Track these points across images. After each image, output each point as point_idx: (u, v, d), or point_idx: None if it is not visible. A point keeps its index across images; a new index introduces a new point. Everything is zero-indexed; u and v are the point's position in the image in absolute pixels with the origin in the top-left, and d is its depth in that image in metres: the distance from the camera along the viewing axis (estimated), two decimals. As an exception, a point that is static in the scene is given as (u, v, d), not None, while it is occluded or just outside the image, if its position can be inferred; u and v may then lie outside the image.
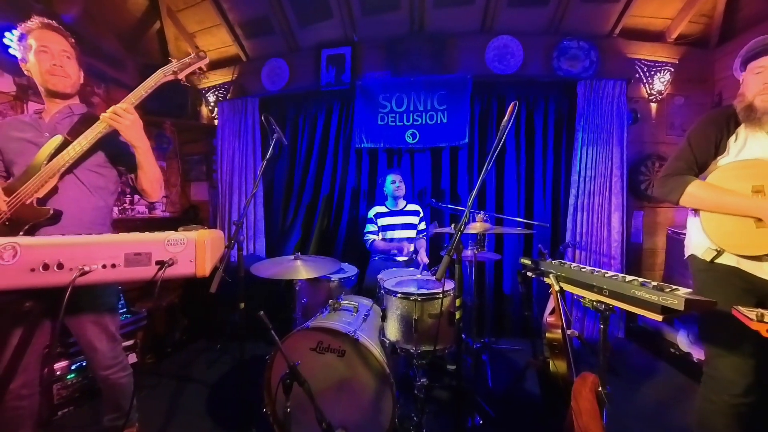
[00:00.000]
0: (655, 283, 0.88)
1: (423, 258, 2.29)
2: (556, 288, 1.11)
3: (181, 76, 1.28)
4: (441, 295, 1.51)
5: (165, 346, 2.56)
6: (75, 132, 1.18)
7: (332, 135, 3.02)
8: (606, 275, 1.01)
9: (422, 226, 2.57)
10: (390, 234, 2.47)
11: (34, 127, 1.24)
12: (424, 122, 2.79)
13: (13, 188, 1.11)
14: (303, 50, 3.09)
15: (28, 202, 1.11)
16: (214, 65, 3.32)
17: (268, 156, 1.71)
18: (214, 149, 3.26)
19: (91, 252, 0.80)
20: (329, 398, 1.39)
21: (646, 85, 2.80)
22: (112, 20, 2.76)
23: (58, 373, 1.79)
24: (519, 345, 2.54)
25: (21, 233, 1.07)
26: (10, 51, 2.04)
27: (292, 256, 1.88)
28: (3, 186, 1.11)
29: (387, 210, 2.54)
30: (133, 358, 2.15)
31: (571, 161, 2.72)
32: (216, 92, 3.31)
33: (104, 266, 0.80)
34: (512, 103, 1.08)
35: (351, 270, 2.16)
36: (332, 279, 1.96)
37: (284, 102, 3.15)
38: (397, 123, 2.83)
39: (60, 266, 0.77)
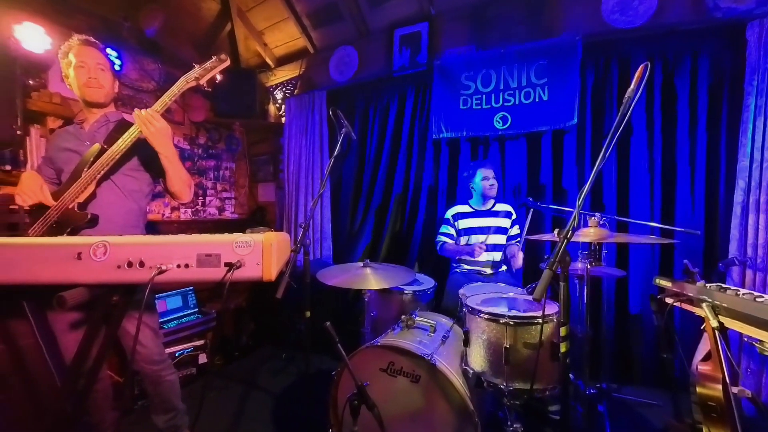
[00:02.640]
0: None
1: (518, 262, 2.16)
2: (713, 324, 0.93)
3: (203, 81, 1.48)
4: (540, 320, 1.39)
5: (233, 349, 2.92)
6: (111, 139, 1.44)
7: (406, 126, 3.05)
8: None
9: (515, 230, 2.43)
10: (475, 239, 2.39)
11: (76, 137, 1.53)
12: (517, 102, 2.63)
13: (59, 194, 1.39)
14: (373, 33, 3.21)
15: (71, 206, 1.38)
16: (282, 61, 3.67)
17: (335, 153, 1.81)
18: (281, 148, 3.59)
19: (168, 252, 0.94)
20: (401, 428, 1.40)
21: None
22: (187, 28, 3.26)
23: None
24: (653, 398, 2.17)
25: (65, 235, 1.35)
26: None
27: (361, 263, 1.94)
28: (52, 192, 1.40)
29: (470, 210, 2.47)
30: (203, 358, 2.49)
31: (736, 141, 2.21)
32: (283, 89, 3.66)
33: (179, 266, 0.93)
34: (642, 66, 0.94)
35: (427, 282, 2.16)
36: (405, 291, 1.99)
37: (353, 93, 3.31)
38: (483, 106, 2.72)
39: (141, 264, 0.93)
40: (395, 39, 3.05)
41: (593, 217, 1.71)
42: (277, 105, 3.69)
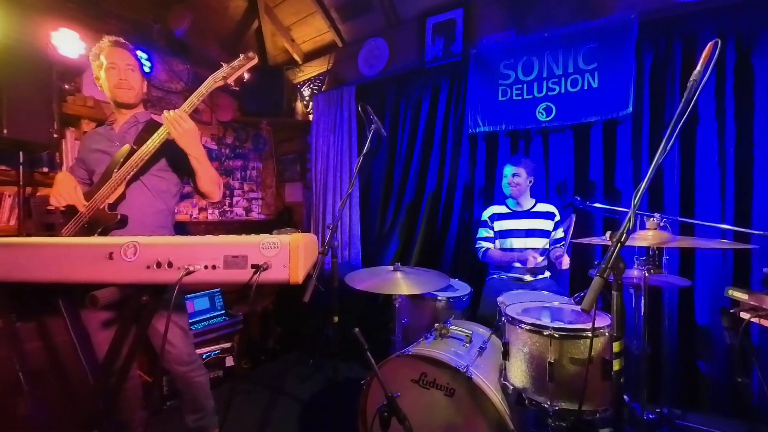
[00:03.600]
0: None
1: (565, 261, 2.08)
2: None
3: (231, 80, 1.52)
4: (590, 334, 1.32)
5: (259, 353, 3.02)
6: (140, 140, 1.51)
7: (439, 120, 3.02)
8: None
9: (559, 233, 2.33)
10: (510, 242, 2.34)
11: (107, 138, 1.62)
12: (562, 91, 2.53)
13: (91, 194, 1.48)
14: (405, 23, 3.20)
15: (101, 207, 1.46)
16: (309, 57, 3.75)
17: (364, 150, 1.82)
18: (308, 147, 3.68)
19: (196, 252, 0.98)
20: (434, 446, 1.39)
21: None
22: (215, 28, 3.40)
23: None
24: (724, 428, 2.00)
25: (95, 235, 1.43)
26: None
27: (392, 267, 1.94)
28: (84, 192, 1.49)
29: (507, 211, 2.41)
30: (230, 361, 2.59)
31: (832, 130, 2.01)
32: (311, 85, 3.74)
33: (206, 267, 0.97)
34: (710, 44, 0.87)
35: (463, 288, 2.13)
36: (439, 298, 1.97)
37: (383, 87, 3.32)
38: (525, 96, 2.65)
39: (170, 265, 0.98)
40: (428, 28, 3.03)
41: (652, 219, 1.60)
42: (305, 102, 3.77)
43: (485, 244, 2.39)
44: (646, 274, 1.72)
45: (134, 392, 1.65)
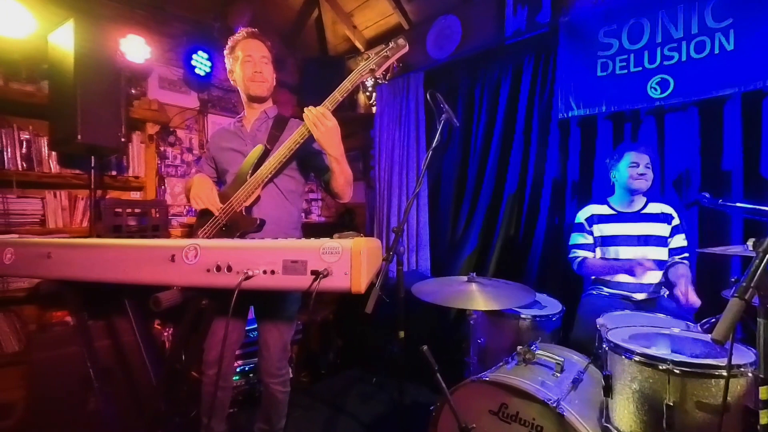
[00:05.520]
0: None
1: (691, 297, 1.85)
2: None
3: (380, 72, 1.54)
4: (725, 372, 1.16)
5: (319, 366, 3.15)
6: (272, 138, 1.65)
7: (522, 106, 2.94)
8: None
9: (678, 241, 2.11)
10: (617, 252, 2.16)
11: (238, 136, 1.77)
12: (683, 59, 2.29)
13: (226, 196, 1.62)
14: (480, -5, 3.14)
15: (238, 210, 1.59)
16: (372, 43, 3.83)
17: (434, 144, 1.81)
18: (371, 142, 3.76)
19: (255, 257, 1.04)
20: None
21: None
22: (274, 21, 3.64)
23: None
24: None
25: (234, 238, 1.55)
26: (196, 71, 3.09)
27: (466, 277, 1.93)
28: (219, 193, 1.64)
29: (611, 212, 2.24)
30: (288, 371, 2.75)
31: None
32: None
33: (264, 272, 1.03)
34: None
35: (552, 305, 2.07)
36: (523, 316, 1.91)
37: (455, 71, 3.32)
38: (631, 69, 2.45)
39: (229, 269, 1.05)
40: (508, -3, 2.94)
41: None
42: (367, 93, 3.86)
43: (582, 253, 2.23)
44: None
45: (222, 402, 1.79)
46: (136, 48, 2.67)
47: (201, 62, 3.10)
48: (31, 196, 2.47)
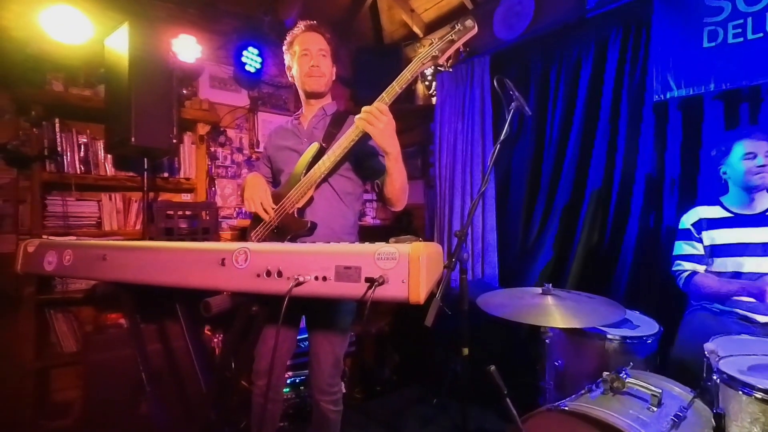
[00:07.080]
0: None
1: None
2: None
3: (443, 59, 1.52)
4: None
5: (374, 382, 3.18)
6: (329, 136, 1.69)
7: (607, 88, 2.83)
8: None
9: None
10: (734, 264, 1.97)
11: (295, 134, 1.84)
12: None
13: (279, 197, 1.68)
14: (554, -36, 3.05)
15: (291, 212, 1.65)
16: (432, 27, 3.84)
17: (502, 137, 1.78)
18: (430, 137, 3.76)
19: (306, 262, 1.07)
20: None
21: None
22: (325, 10, 3.73)
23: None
24: None
25: (285, 242, 1.60)
26: (247, 68, 3.27)
27: (540, 289, 1.89)
28: (273, 193, 1.70)
29: (727, 215, 2.05)
30: (341, 387, 2.80)
31: None
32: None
33: (316, 278, 1.05)
34: None
35: (646, 325, 1.97)
36: (609, 336, 1.85)
37: (526, 53, 3.26)
38: (749, 36, 2.26)
39: (279, 274, 1.09)
40: (589, -36, 2.83)
41: None
42: (427, 83, 3.87)
43: (690, 266, 2.05)
44: None
45: (272, 414, 1.85)
46: (187, 47, 2.87)
47: (251, 58, 3.27)
48: (89, 199, 2.74)
